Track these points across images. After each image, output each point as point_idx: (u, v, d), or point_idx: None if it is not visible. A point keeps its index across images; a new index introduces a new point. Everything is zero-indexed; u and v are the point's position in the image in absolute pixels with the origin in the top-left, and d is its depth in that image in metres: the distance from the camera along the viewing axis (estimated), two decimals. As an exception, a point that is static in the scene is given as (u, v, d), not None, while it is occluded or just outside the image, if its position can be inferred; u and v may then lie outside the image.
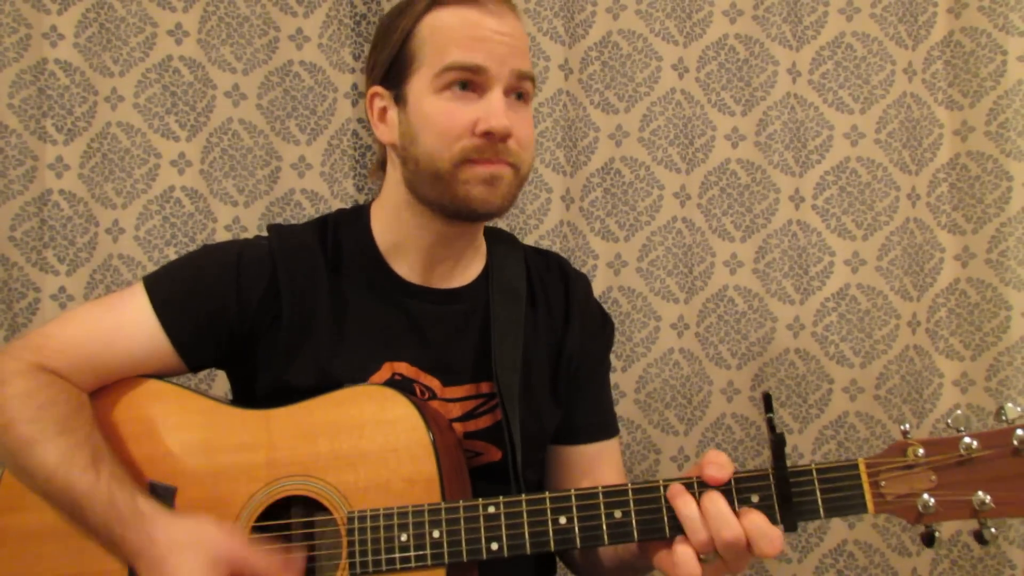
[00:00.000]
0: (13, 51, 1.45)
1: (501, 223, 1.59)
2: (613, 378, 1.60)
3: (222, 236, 1.52)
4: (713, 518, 0.82)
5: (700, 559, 0.83)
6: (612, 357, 1.60)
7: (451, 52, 0.96)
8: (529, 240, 1.58)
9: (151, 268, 1.30)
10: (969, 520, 0.82)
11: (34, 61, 1.45)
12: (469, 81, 0.97)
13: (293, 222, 1.33)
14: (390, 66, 1.01)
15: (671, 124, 1.62)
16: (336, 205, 1.55)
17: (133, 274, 1.48)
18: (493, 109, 0.96)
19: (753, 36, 1.63)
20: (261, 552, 0.89)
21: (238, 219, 1.53)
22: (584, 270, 1.60)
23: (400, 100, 1.01)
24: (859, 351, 1.62)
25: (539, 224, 1.59)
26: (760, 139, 1.63)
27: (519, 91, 1.01)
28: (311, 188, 1.56)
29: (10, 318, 1.45)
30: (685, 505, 0.83)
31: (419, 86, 0.99)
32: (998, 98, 1.58)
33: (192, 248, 1.49)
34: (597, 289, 1.61)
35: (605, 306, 1.60)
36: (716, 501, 0.82)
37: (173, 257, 1.41)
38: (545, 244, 1.58)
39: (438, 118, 0.97)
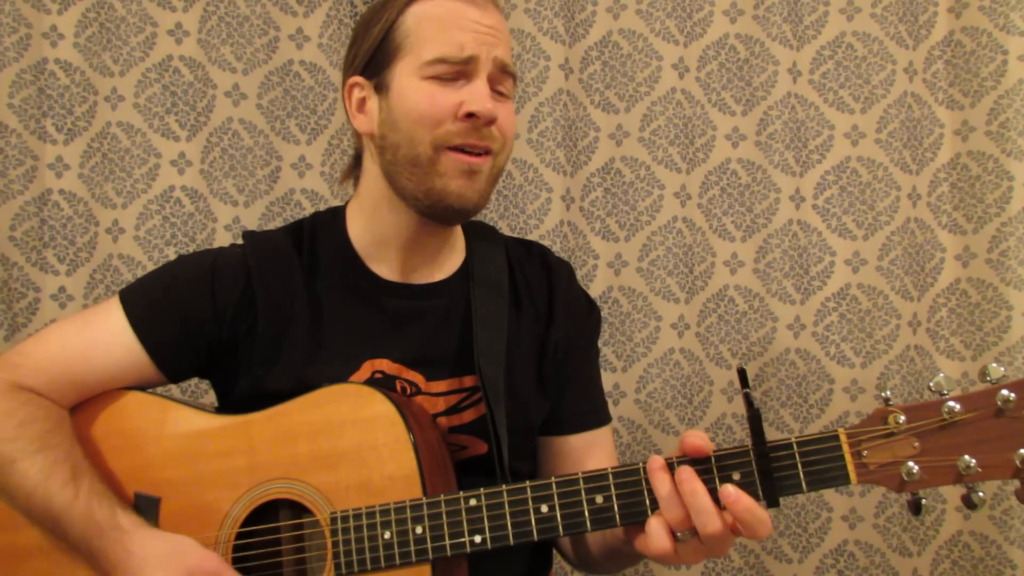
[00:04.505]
0: (13, 51, 1.45)
1: (500, 222, 1.59)
2: (613, 378, 1.60)
3: (222, 236, 1.52)
4: (687, 494, 0.81)
5: (676, 537, 0.82)
6: (612, 357, 1.61)
7: (440, 44, 0.97)
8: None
9: (151, 268, 1.30)
10: (955, 485, 0.80)
11: (34, 61, 1.45)
12: (457, 73, 0.97)
13: (293, 222, 1.33)
14: (371, 56, 1.01)
15: (671, 124, 1.62)
16: (335, 205, 1.54)
17: (133, 274, 1.48)
18: (478, 93, 0.97)
19: (753, 36, 1.63)
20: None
21: (238, 219, 1.53)
22: (584, 270, 1.60)
23: (381, 88, 1.01)
24: (860, 351, 1.62)
25: (539, 224, 1.59)
26: (760, 139, 1.63)
27: (499, 84, 1.01)
28: (311, 188, 1.56)
29: (10, 318, 1.45)
30: (661, 483, 0.83)
31: (402, 73, 0.99)
32: (999, 98, 1.58)
33: (192, 248, 1.49)
34: (597, 289, 1.61)
35: (605, 306, 1.60)
36: (691, 478, 0.81)
37: (173, 257, 1.41)
38: (545, 244, 1.58)
39: (421, 102, 0.97)
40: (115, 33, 1.49)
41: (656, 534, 0.83)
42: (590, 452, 1.13)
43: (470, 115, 0.96)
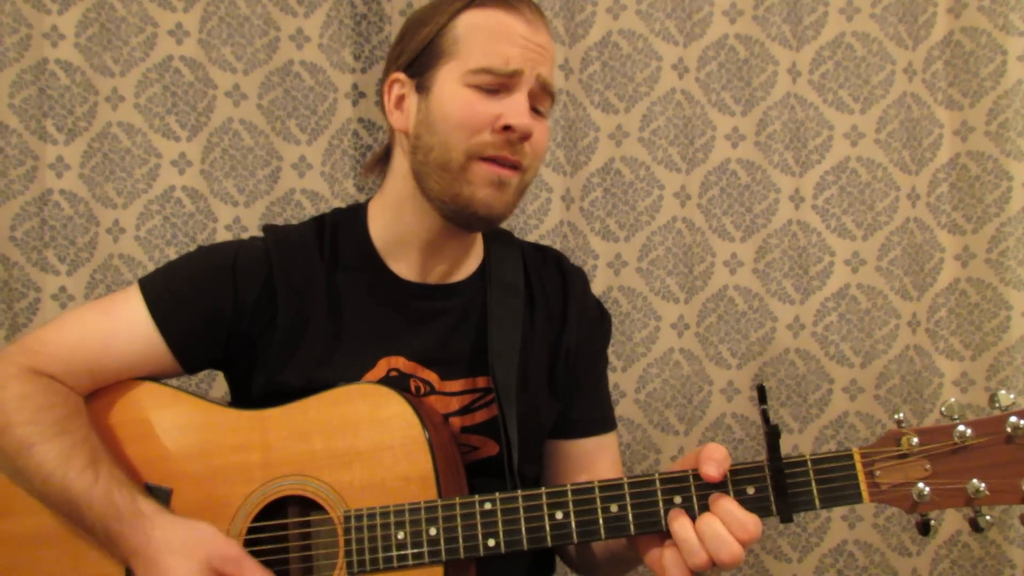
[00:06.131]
0: (13, 51, 1.45)
1: (501, 223, 1.59)
2: (613, 378, 1.61)
3: (222, 236, 1.52)
4: (709, 538, 0.82)
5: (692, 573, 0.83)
6: (612, 357, 1.61)
7: (486, 54, 0.97)
8: (529, 240, 1.58)
9: (151, 268, 1.30)
10: (964, 508, 0.82)
11: (34, 61, 1.45)
12: (500, 85, 0.98)
13: (294, 222, 1.33)
14: (417, 56, 1.02)
15: (671, 124, 1.63)
16: (336, 205, 1.55)
17: (133, 274, 1.48)
18: (517, 107, 0.97)
19: (753, 36, 1.63)
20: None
21: (238, 219, 1.53)
22: (584, 270, 1.60)
23: (422, 89, 1.01)
24: (859, 351, 1.62)
25: (539, 224, 1.59)
26: (760, 139, 1.63)
27: (539, 103, 1.02)
28: (311, 188, 1.56)
29: (10, 318, 1.45)
30: (681, 528, 0.83)
31: (446, 77, 0.99)
32: (998, 98, 1.58)
33: (192, 248, 1.49)
34: (597, 289, 1.61)
35: (605, 306, 1.60)
36: (711, 521, 0.82)
37: (173, 257, 1.41)
38: (545, 244, 1.58)
39: (460, 109, 0.97)
40: (115, 33, 1.49)
41: (673, 567, 0.84)
42: (596, 457, 1.13)
43: (507, 128, 0.97)
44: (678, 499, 0.86)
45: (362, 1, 1.57)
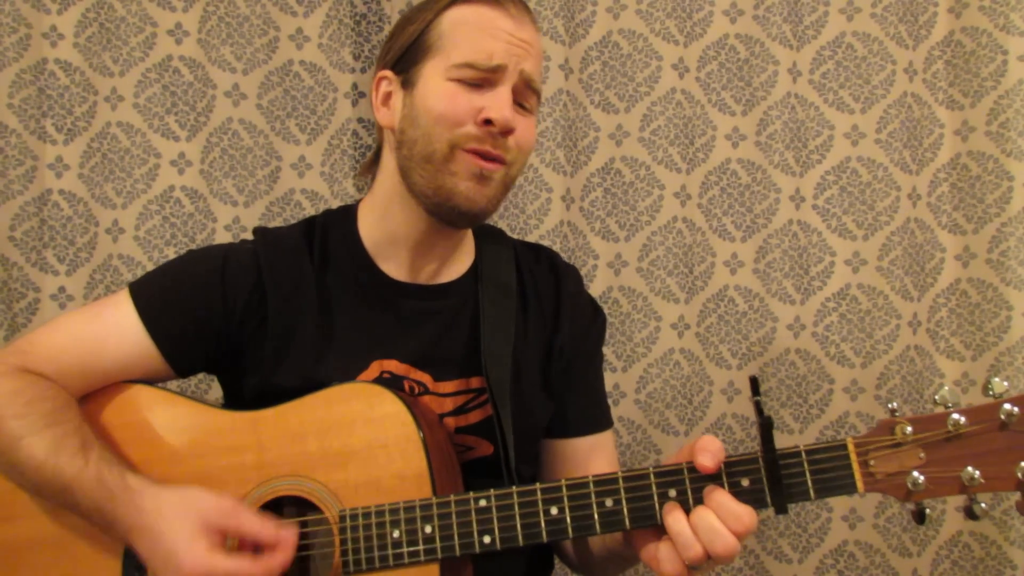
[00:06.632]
0: (13, 51, 1.45)
1: (500, 222, 1.59)
2: (613, 378, 1.60)
3: (222, 236, 1.52)
4: (703, 531, 0.81)
5: (689, 569, 0.83)
6: (612, 357, 1.61)
7: (470, 49, 0.98)
8: (529, 240, 1.58)
9: (151, 268, 1.30)
10: (958, 496, 0.82)
11: (34, 61, 1.45)
12: (483, 80, 0.98)
13: (293, 222, 1.33)
14: (404, 52, 1.03)
15: (671, 124, 1.62)
16: (336, 205, 1.54)
17: (133, 274, 1.48)
18: (499, 101, 0.98)
19: (753, 36, 1.63)
20: (253, 515, 0.89)
21: (238, 219, 1.53)
22: (584, 270, 1.60)
23: (408, 84, 1.02)
24: (860, 351, 1.62)
25: (539, 224, 1.59)
26: (760, 139, 1.63)
27: (524, 99, 1.02)
28: (311, 188, 1.56)
29: (10, 318, 1.45)
30: (676, 521, 0.83)
31: (430, 72, 1.00)
32: (999, 98, 1.58)
33: (192, 248, 1.49)
34: (597, 289, 1.61)
35: (605, 306, 1.60)
36: (705, 515, 0.82)
37: (173, 257, 1.41)
38: (545, 244, 1.58)
39: (442, 101, 0.98)
40: (115, 33, 1.49)
41: (668, 561, 0.83)
42: (592, 455, 1.13)
43: (488, 121, 0.97)
44: (673, 492, 0.85)
45: (362, 1, 1.57)
